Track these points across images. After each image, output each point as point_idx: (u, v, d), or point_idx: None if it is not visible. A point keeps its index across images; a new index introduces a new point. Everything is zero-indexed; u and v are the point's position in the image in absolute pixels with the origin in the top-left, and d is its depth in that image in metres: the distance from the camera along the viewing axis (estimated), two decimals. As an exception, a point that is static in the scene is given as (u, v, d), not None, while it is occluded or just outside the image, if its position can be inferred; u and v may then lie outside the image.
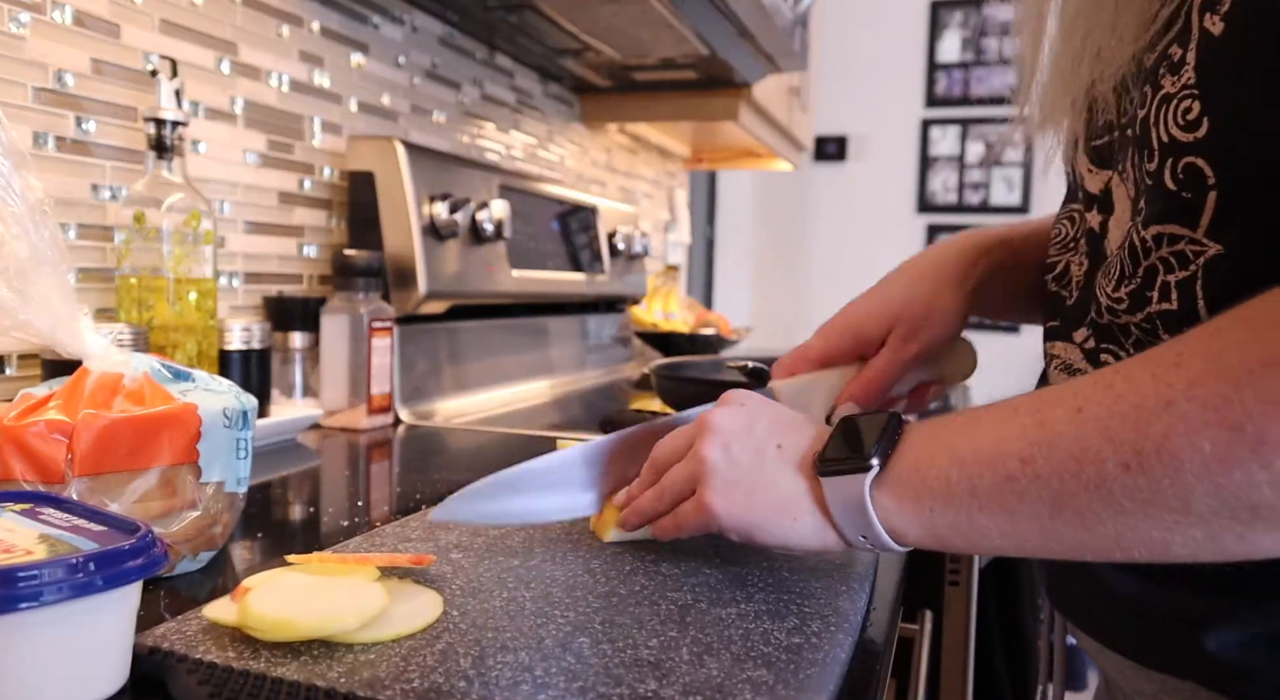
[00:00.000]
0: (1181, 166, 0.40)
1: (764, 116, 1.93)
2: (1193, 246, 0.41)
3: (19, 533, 0.35)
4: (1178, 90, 0.40)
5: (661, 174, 2.38)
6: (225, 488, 0.52)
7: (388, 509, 0.67)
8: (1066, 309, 0.52)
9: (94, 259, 0.84)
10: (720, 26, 1.35)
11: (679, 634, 0.40)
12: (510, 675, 0.35)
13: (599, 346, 1.64)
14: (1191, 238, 0.40)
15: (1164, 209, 0.41)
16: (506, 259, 1.26)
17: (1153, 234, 0.42)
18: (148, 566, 0.34)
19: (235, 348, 0.86)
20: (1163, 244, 0.42)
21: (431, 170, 1.12)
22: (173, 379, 0.52)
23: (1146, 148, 0.42)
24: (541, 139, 1.68)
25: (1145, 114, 0.42)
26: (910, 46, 3.59)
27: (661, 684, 0.35)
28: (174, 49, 0.91)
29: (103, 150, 0.85)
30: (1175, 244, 0.41)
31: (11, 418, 0.45)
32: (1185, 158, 0.40)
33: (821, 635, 0.41)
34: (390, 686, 0.34)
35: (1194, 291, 0.41)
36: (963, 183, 3.58)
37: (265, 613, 0.37)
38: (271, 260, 1.05)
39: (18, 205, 0.45)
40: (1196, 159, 0.39)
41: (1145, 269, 0.43)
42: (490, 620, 0.41)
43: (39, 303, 0.46)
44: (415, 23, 1.29)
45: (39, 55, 0.78)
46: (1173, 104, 0.40)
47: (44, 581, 0.31)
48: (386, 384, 1.00)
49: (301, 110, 1.08)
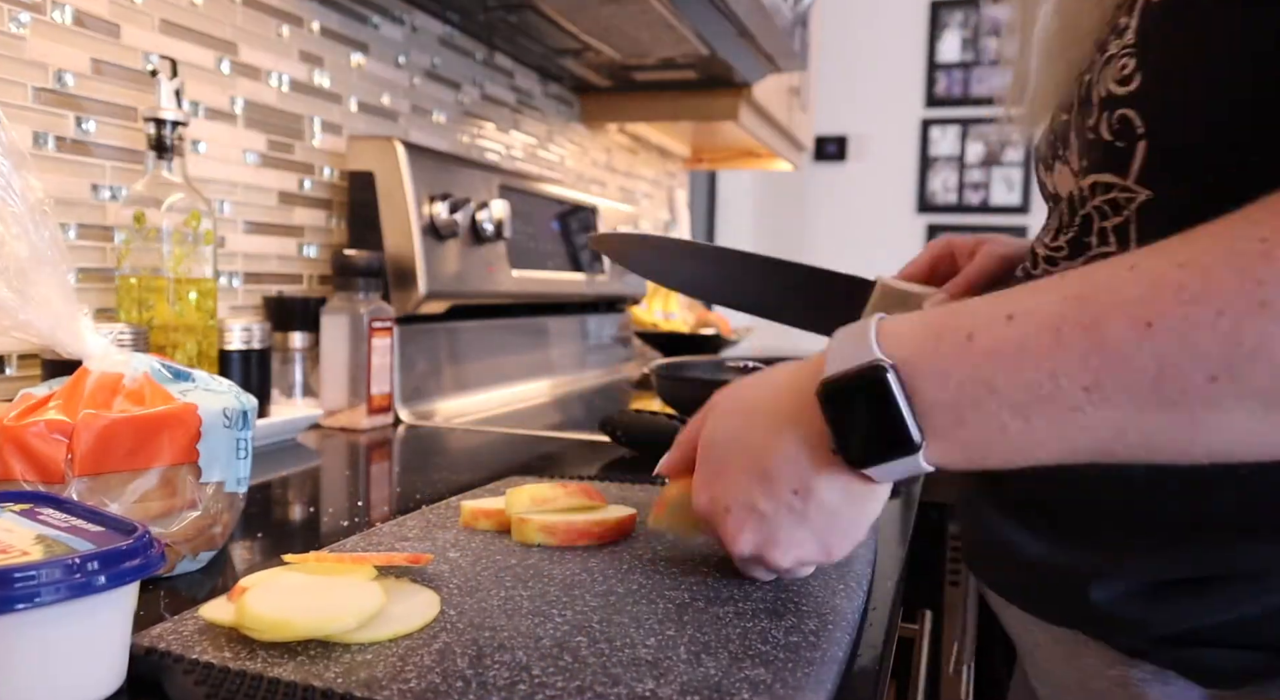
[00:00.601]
0: (1116, 117, 0.43)
1: (764, 116, 1.93)
2: (1124, 193, 0.44)
3: (17, 533, 0.35)
4: (1118, 51, 0.43)
5: (661, 174, 2.38)
6: (225, 488, 0.52)
7: (388, 509, 0.67)
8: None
9: (94, 259, 0.84)
10: (720, 26, 1.35)
11: (677, 633, 0.40)
12: (507, 675, 0.35)
13: (599, 346, 1.64)
14: (1123, 185, 0.44)
15: (1099, 159, 0.45)
16: (506, 259, 1.26)
17: (1090, 183, 0.46)
18: (145, 567, 0.34)
19: (235, 348, 0.86)
20: (1097, 192, 0.45)
21: (431, 170, 1.12)
22: (173, 379, 0.52)
23: (1089, 104, 0.45)
24: (541, 139, 1.68)
25: (1090, 76, 0.45)
26: (910, 46, 3.59)
27: (659, 683, 0.35)
28: (174, 49, 0.91)
29: (103, 150, 0.85)
30: (1109, 193, 0.45)
31: (11, 418, 0.46)
32: (1119, 110, 0.43)
33: (819, 634, 0.41)
34: (387, 687, 0.34)
35: (1129, 234, 0.44)
36: (963, 183, 3.58)
37: (262, 613, 0.37)
38: (271, 260, 1.06)
39: (18, 205, 0.45)
40: (1129, 110, 0.43)
41: (1082, 218, 0.46)
42: (487, 619, 0.41)
43: (39, 303, 0.46)
44: (415, 23, 1.29)
45: (39, 55, 0.79)
46: (1112, 62, 0.44)
47: (40, 582, 0.31)
48: (386, 384, 1.00)
49: (301, 110, 1.09)
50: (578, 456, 0.88)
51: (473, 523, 0.56)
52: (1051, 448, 0.37)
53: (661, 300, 1.99)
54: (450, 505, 0.61)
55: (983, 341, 0.38)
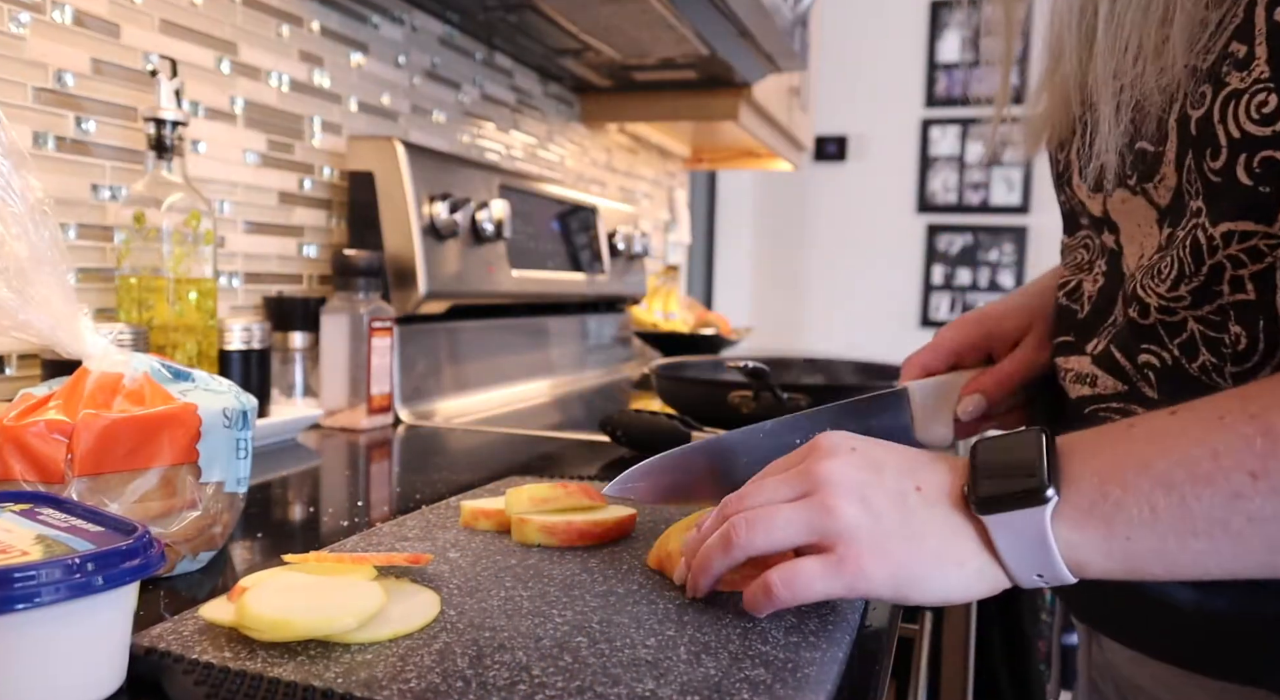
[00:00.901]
0: (1258, 161, 0.39)
1: (764, 116, 1.93)
2: (1267, 241, 0.40)
3: (16, 533, 0.35)
4: (1248, 85, 0.39)
5: (661, 174, 2.38)
6: (225, 488, 0.52)
7: (388, 509, 0.67)
8: (1078, 322, 0.52)
9: (94, 259, 0.84)
10: (720, 26, 1.35)
11: (677, 633, 0.40)
12: (507, 675, 0.35)
13: (599, 346, 1.64)
14: (1266, 233, 0.40)
15: (1236, 205, 0.40)
16: (506, 259, 1.26)
17: (1222, 232, 0.41)
18: (144, 567, 0.34)
19: (235, 348, 0.86)
20: (1233, 241, 0.41)
21: (431, 170, 1.12)
22: (173, 379, 0.52)
23: (1210, 146, 0.41)
24: (541, 139, 1.68)
25: (1203, 113, 0.41)
26: (910, 46, 3.59)
27: (659, 683, 0.35)
28: (174, 49, 0.91)
29: (103, 150, 0.85)
30: (1248, 241, 0.40)
31: (11, 418, 0.46)
32: (1262, 151, 0.39)
33: (819, 634, 0.41)
34: (387, 687, 0.34)
35: (1272, 281, 0.40)
36: (963, 183, 3.58)
37: (262, 613, 0.37)
38: (271, 260, 1.06)
39: (18, 205, 0.45)
40: (1275, 152, 0.38)
41: (1211, 267, 0.42)
42: (487, 619, 0.41)
43: (39, 303, 0.46)
44: (415, 23, 1.29)
45: (39, 55, 0.79)
46: (1244, 99, 0.39)
47: (40, 582, 0.31)
48: (386, 384, 1.00)
49: (301, 110, 1.09)
50: (578, 456, 0.88)
51: (473, 523, 0.56)
52: (1220, 545, 0.35)
53: (661, 300, 1.99)
54: (450, 505, 0.62)
55: (1142, 428, 0.38)
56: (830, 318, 3.73)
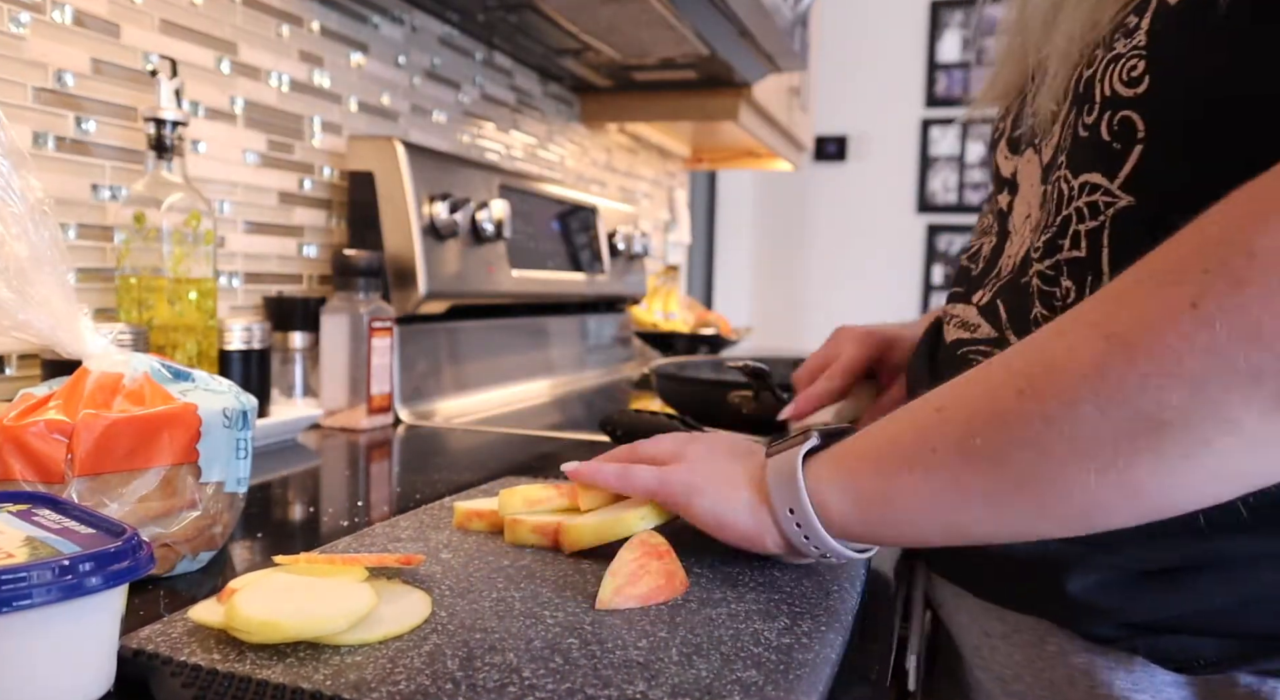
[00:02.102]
0: (1117, 119, 0.43)
1: (764, 116, 1.93)
2: (1106, 197, 0.44)
3: (6, 534, 0.35)
4: (1127, 51, 0.43)
5: (661, 174, 2.38)
6: (225, 488, 0.52)
7: (387, 509, 0.67)
8: (972, 278, 0.58)
9: (94, 259, 0.85)
10: (720, 26, 1.35)
11: (668, 634, 0.40)
12: (498, 677, 0.36)
13: (599, 346, 1.65)
14: (1107, 189, 0.44)
15: (1092, 157, 0.45)
16: (506, 259, 1.26)
17: (1080, 182, 0.46)
18: (132, 570, 0.34)
19: (235, 348, 0.86)
20: (1083, 193, 0.45)
21: (431, 170, 1.12)
22: (173, 379, 0.52)
23: (1088, 102, 0.45)
24: (541, 139, 1.68)
25: (1092, 73, 0.45)
26: (910, 46, 3.59)
27: (650, 685, 0.35)
28: (174, 49, 0.91)
29: (102, 150, 0.85)
30: (1092, 194, 0.45)
31: (11, 418, 0.46)
32: (1122, 111, 0.43)
33: (812, 635, 0.41)
34: (376, 689, 0.34)
35: (1100, 241, 0.44)
36: (963, 183, 3.58)
37: (251, 614, 0.36)
38: (271, 260, 1.06)
39: (18, 205, 0.45)
40: (1132, 112, 0.43)
41: (1061, 219, 0.47)
42: (479, 621, 0.41)
43: (39, 303, 0.46)
44: (415, 23, 1.29)
45: (39, 55, 0.79)
46: (1120, 62, 0.43)
47: (26, 584, 0.31)
48: (386, 384, 1.00)
49: (301, 110, 1.09)
50: (577, 456, 0.87)
51: (466, 524, 0.56)
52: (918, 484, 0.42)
53: (661, 300, 1.99)
54: (444, 506, 0.62)
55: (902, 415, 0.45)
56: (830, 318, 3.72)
